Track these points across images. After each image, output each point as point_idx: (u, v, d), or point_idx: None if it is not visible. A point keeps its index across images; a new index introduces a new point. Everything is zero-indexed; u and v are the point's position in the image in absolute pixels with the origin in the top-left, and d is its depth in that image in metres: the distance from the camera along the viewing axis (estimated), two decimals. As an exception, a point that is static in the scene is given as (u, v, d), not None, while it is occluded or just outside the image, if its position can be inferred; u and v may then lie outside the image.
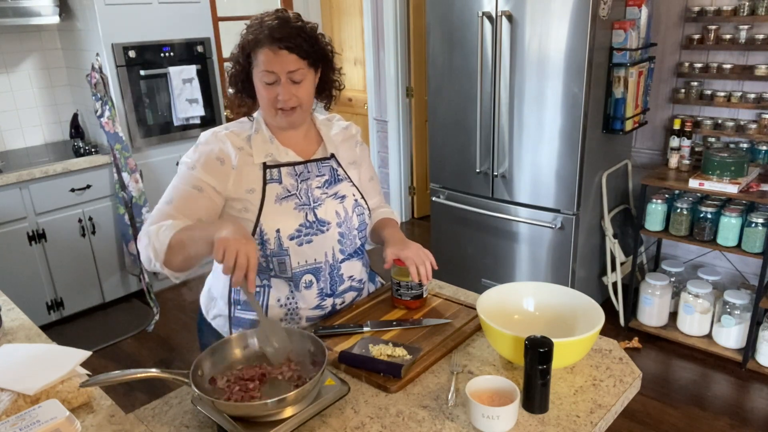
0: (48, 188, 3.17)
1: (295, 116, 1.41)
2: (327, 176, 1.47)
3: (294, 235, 1.39)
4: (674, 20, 2.99)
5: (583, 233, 2.94)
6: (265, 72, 1.34)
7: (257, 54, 1.35)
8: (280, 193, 1.41)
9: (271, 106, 1.38)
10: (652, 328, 3.05)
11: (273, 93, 1.36)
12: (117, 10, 3.24)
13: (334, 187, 1.47)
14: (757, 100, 2.79)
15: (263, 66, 1.34)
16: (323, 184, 1.46)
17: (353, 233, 1.49)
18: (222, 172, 1.38)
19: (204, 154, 1.39)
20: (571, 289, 1.37)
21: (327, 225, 1.43)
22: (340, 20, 4.97)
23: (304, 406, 1.10)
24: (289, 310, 1.45)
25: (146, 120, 3.48)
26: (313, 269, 1.44)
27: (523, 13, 2.74)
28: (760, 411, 2.52)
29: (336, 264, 1.47)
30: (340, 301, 1.52)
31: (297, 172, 1.44)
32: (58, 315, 3.36)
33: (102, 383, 1.12)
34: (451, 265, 3.40)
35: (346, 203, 1.47)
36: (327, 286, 1.47)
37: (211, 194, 1.38)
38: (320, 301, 1.47)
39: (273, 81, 1.35)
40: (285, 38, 1.32)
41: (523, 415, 1.12)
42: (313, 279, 1.44)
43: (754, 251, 2.60)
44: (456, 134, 3.16)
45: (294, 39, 1.33)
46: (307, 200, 1.42)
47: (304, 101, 1.40)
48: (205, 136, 1.43)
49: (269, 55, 1.33)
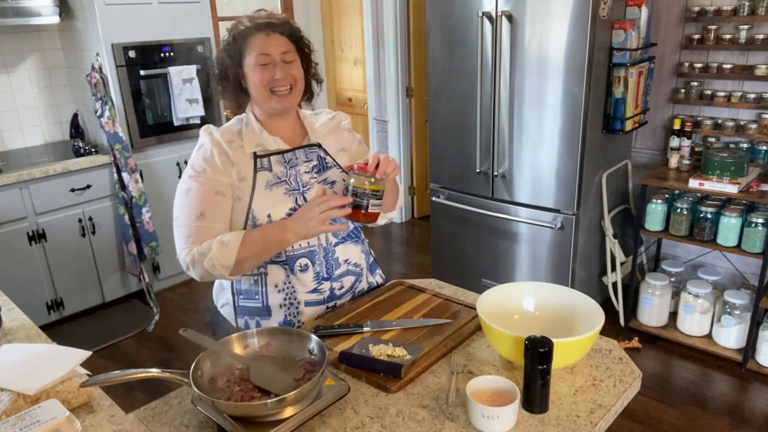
0: (48, 188, 3.17)
1: (289, 99, 1.47)
2: (315, 161, 1.53)
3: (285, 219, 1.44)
4: (674, 20, 2.99)
5: (583, 233, 2.94)
6: (260, 55, 1.43)
7: (250, 41, 1.44)
8: (270, 180, 1.47)
9: (266, 89, 1.44)
10: (652, 328, 3.05)
11: (268, 74, 1.43)
12: (117, 10, 3.24)
13: (323, 174, 1.53)
14: (757, 100, 2.79)
15: (258, 50, 1.43)
16: (311, 169, 1.52)
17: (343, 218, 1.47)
18: (228, 165, 1.45)
19: (208, 153, 1.46)
20: (571, 289, 1.38)
21: None
22: (340, 20, 4.97)
23: (304, 406, 1.10)
24: (287, 294, 1.50)
25: (146, 120, 3.48)
26: (308, 252, 1.49)
27: (523, 13, 2.74)
28: (760, 411, 2.52)
29: (330, 247, 1.51)
30: (338, 286, 1.55)
31: (286, 159, 1.50)
32: (58, 315, 3.36)
33: (102, 383, 1.12)
34: (451, 265, 3.40)
35: (336, 188, 1.52)
36: (323, 270, 1.51)
37: (230, 192, 1.45)
38: (317, 285, 1.51)
39: (267, 62, 1.43)
40: (276, 24, 1.45)
41: (523, 415, 1.12)
42: (308, 262, 1.49)
43: (754, 251, 2.60)
44: (456, 134, 3.16)
45: (283, 26, 1.46)
46: (296, 185, 1.48)
47: (298, 81, 1.48)
48: (202, 137, 1.50)
49: (263, 39, 1.43)
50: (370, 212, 1.40)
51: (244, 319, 1.55)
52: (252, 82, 1.45)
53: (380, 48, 4.52)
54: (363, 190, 1.38)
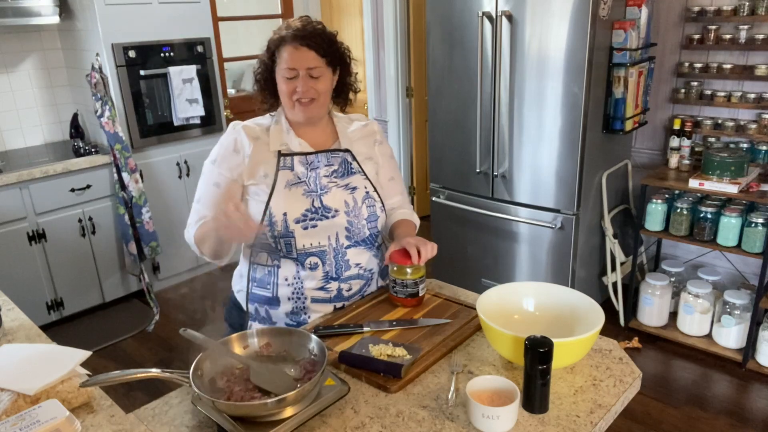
0: (48, 188, 3.17)
1: (311, 109, 1.51)
2: (336, 166, 1.56)
3: (300, 219, 1.49)
4: (674, 20, 2.99)
5: (583, 233, 2.94)
6: (287, 68, 1.47)
7: (281, 51, 1.48)
8: (290, 179, 1.51)
9: (290, 99, 1.50)
10: (652, 328, 3.05)
11: (292, 86, 1.48)
12: (117, 10, 3.24)
13: (346, 179, 1.56)
14: (757, 100, 2.79)
15: (285, 63, 1.47)
16: (331, 174, 1.55)
17: (362, 223, 1.56)
18: (236, 161, 1.52)
19: (223, 147, 1.55)
20: (571, 289, 1.38)
21: (333, 212, 1.52)
22: (340, 20, 4.97)
23: (304, 406, 1.10)
24: (295, 288, 1.54)
25: (146, 120, 3.48)
26: (318, 252, 1.52)
27: (523, 13, 2.74)
28: (760, 411, 2.52)
29: (341, 249, 1.54)
30: (346, 287, 1.57)
31: (308, 161, 1.54)
32: (58, 315, 3.35)
33: (102, 383, 1.12)
34: (451, 265, 3.40)
35: (356, 194, 1.55)
36: (332, 270, 1.54)
37: (230, 185, 1.52)
38: (325, 283, 1.54)
39: (293, 76, 1.47)
40: (306, 37, 1.46)
41: (523, 415, 1.12)
42: (318, 261, 1.52)
43: (754, 251, 2.60)
44: (456, 134, 3.16)
45: (314, 38, 1.47)
46: (314, 187, 1.52)
47: (321, 94, 1.51)
48: (227, 130, 1.58)
49: (291, 52, 1.47)
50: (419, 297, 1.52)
51: (255, 305, 1.61)
52: (280, 90, 1.52)
53: (380, 48, 4.52)
54: (403, 281, 1.50)
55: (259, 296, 1.59)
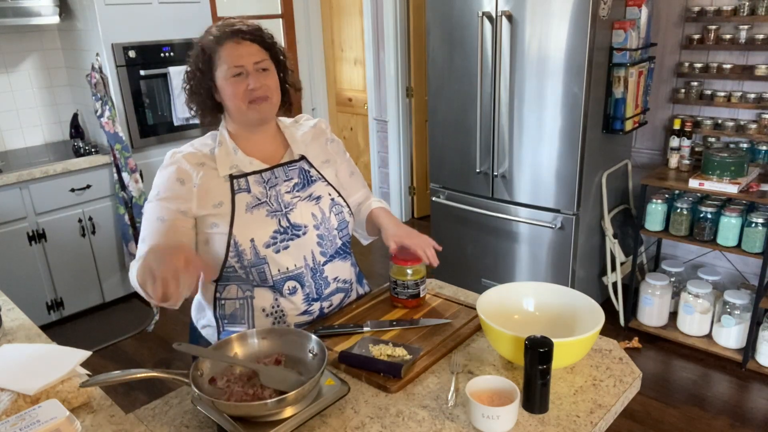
0: (48, 188, 3.17)
1: (265, 107, 1.40)
2: (296, 179, 1.46)
3: (269, 243, 1.38)
4: (674, 20, 2.99)
5: (583, 233, 2.94)
6: (232, 67, 1.36)
7: (220, 52, 1.37)
8: (250, 202, 1.39)
9: (241, 100, 1.37)
10: (652, 328, 3.05)
11: (242, 85, 1.36)
12: (117, 10, 3.24)
13: (308, 189, 1.46)
14: (757, 100, 2.79)
15: (229, 61, 1.36)
16: (293, 188, 1.44)
17: (333, 233, 1.47)
18: (182, 192, 1.37)
19: (165, 178, 1.39)
20: (571, 289, 1.37)
21: (303, 228, 1.42)
22: (340, 20, 4.97)
23: (304, 406, 1.10)
24: (275, 318, 1.44)
25: (146, 120, 3.48)
26: (296, 275, 1.42)
27: (523, 13, 2.74)
28: (760, 411, 2.52)
29: (318, 267, 1.45)
30: (327, 305, 1.50)
31: (264, 179, 1.42)
32: (58, 315, 3.36)
33: (102, 383, 1.12)
34: (451, 265, 3.40)
35: (322, 204, 1.46)
36: (313, 291, 1.45)
37: (176, 219, 1.35)
38: (307, 306, 1.45)
39: (240, 73, 1.36)
40: (245, 31, 1.38)
41: (523, 415, 1.12)
42: (297, 285, 1.42)
43: (754, 251, 2.60)
44: (456, 134, 3.16)
45: (254, 32, 1.39)
46: (278, 206, 1.41)
47: (274, 92, 1.41)
48: (165, 162, 1.42)
49: (234, 48, 1.36)
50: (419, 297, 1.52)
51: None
52: (226, 94, 1.38)
53: (380, 48, 4.52)
54: (404, 282, 1.49)
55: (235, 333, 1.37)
